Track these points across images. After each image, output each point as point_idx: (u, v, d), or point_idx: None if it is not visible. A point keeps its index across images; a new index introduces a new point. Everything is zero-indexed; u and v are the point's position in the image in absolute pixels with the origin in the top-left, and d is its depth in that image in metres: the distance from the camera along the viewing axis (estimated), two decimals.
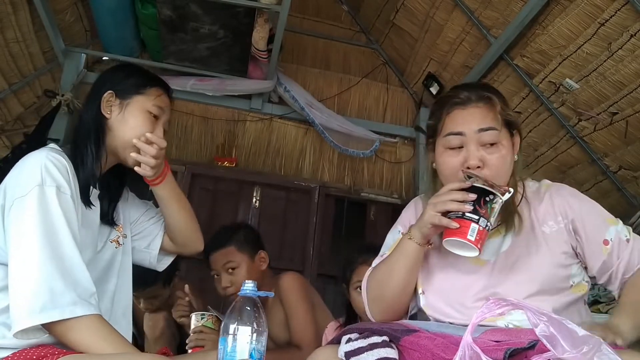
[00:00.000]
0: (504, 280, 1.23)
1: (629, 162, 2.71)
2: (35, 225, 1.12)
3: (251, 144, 3.64)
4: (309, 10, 4.01)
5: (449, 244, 1.15)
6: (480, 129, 1.22)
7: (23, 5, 2.84)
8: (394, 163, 3.79)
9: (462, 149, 1.24)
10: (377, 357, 1.04)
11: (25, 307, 1.07)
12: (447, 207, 1.15)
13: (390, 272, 1.27)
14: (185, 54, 3.19)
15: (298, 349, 2.01)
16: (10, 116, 3.27)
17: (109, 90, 1.36)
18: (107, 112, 1.34)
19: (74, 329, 1.10)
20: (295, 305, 2.08)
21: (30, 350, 1.11)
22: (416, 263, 1.26)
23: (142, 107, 1.36)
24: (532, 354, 0.89)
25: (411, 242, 1.23)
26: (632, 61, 2.35)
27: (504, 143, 1.24)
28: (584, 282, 1.27)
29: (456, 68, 3.31)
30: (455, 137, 1.24)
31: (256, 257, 2.15)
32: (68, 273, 1.12)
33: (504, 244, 1.27)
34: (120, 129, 1.33)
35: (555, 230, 1.26)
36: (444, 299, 1.26)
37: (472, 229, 1.12)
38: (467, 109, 1.26)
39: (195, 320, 1.96)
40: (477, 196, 1.13)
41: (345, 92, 3.82)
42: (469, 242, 1.11)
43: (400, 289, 1.26)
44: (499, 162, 1.22)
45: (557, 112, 2.83)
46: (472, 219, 1.12)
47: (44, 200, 1.15)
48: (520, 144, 1.31)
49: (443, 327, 1.18)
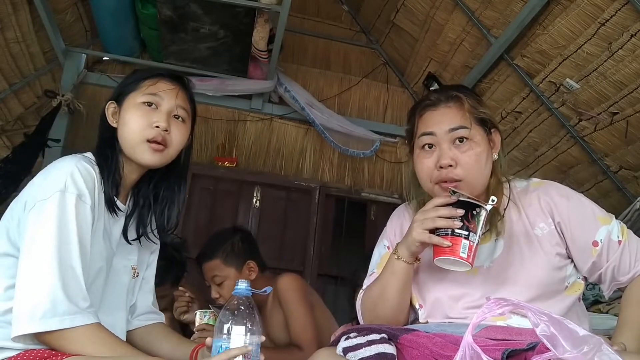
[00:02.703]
0: (500, 287, 1.21)
1: (629, 162, 2.71)
2: (49, 233, 1.11)
3: (251, 144, 3.64)
4: (309, 11, 4.01)
5: (441, 262, 1.13)
6: (451, 129, 1.23)
7: (23, 5, 2.84)
8: (394, 163, 3.79)
9: (435, 149, 1.25)
10: (374, 352, 1.04)
11: (26, 314, 1.07)
12: (436, 224, 1.12)
13: (383, 293, 1.25)
14: (186, 54, 3.19)
15: (298, 350, 2.01)
16: (10, 116, 3.27)
17: (111, 100, 1.34)
18: (113, 121, 1.31)
19: (73, 339, 1.09)
20: (293, 306, 2.07)
21: (35, 351, 1.11)
22: (407, 281, 1.24)
23: (134, 101, 1.29)
24: (531, 356, 0.89)
25: (400, 262, 1.21)
26: (632, 61, 2.35)
27: (476, 141, 1.23)
28: (579, 281, 1.26)
29: (456, 68, 3.31)
30: (427, 137, 1.26)
31: (244, 268, 2.13)
32: (72, 284, 1.11)
33: (497, 249, 1.25)
34: (122, 131, 1.29)
35: (547, 232, 1.24)
36: (441, 311, 1.25)
37: (464, 245, 1.09)
38: (438, 109, 1.27)
39: (199, 317, 1.97)
40: (465, 211, 1.11)
41: (346, 92, 3.82)
42: (462, 259, 1.08)
43: (396, 309, 1.25)
44: (471, 160, 1.21)
45: (558, 112, 2.83)
46: (462, 234, 1.09)
47: (63, 208, 1.13)
48: (501, 142, 1.30)
49: (441, 328, 1.18)
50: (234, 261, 2.12)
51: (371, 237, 3.53)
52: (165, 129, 1.27)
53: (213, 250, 2.12)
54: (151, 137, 1.26)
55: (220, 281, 2.10)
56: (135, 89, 1.31)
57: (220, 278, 2.09)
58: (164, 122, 1.27)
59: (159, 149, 1.27)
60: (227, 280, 2.10)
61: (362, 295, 1.34)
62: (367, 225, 3.68)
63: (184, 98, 1.34)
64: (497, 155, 1.28)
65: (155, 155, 1.27)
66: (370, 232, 3.62)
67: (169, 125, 1.28)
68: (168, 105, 1.30)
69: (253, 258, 2.18)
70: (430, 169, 1.24)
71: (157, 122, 1.26)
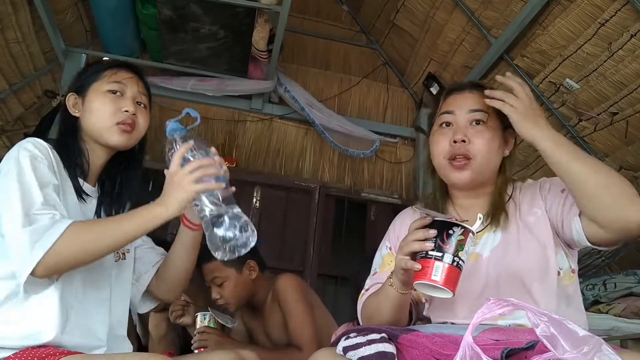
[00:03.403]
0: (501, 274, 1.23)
1: (629, 162, 2.71)
2: (13, 192, 1.17)
3: (251, 144, 3.64)
4: (309, 11, 4.01)
5: (421, 287, 1.08)
6: (471, 110, 1.30)
7: (23, 6, 2.84)
8: (394, 163, 3.79)
9: (452, 127, 1.30)
10: (374, 350, 1.04)
11: (20, 255, 1.12)
12: (411, 248, 1.09)
13: (379, 311, 1.26)
14: (186, 54, 3.19)
15: (298, 350, 2.01)
16: (10, 116, 3.27)
17: (70, 92, 1.41)
18: (75, 111, 1.39)
19: (69, 244, 1.14)
20: (292, 306, 2.08)
21: (32, 350, 1.12)
22: (402, 305, 1.24)
23: (99, 90, 1.38)
24: (531, 355, 0.89)
25: (392, 289, 1.19)
26: (632, 61, 2.35)
27: (492, 127, 1.28)
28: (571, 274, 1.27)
29: (456, 68, 3.31)
30: (447, 115, 1.32)
31: (244, 268, 2.13)
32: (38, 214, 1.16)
33: (495, 239, 1.28)
34: (87, 119, 1.37)
35: (539, 215, 1.26)
36: (446, 306, 1.26)
37: (436, 267, 1.03)
38: (463, 94, 1.34)
39: (199, 320, 1.97)
40: (439, 231, 1.06)
41: (346, 92, 3.82)
42: (434, 282, 1.03)
43: (392, 322, 1.25)
44: (484, 141, 1.26)
45: (558, 112, 2.83)
46: (436, 257, 1.04)
47: (19, 168, 1.20)
48: (515, 143, 1.34)
49: (441, 328, 1.18)
50: (233, 261, 2.11)
51: (371, 237, 3.54)
52: (133, 112, 1.37)
53: None
54: (121, 120, 1.35)
55: (220, 282, 2.10)
56: (98, 79, 1.39)
57: (220, 279, 2.09)
58: (132, 107, 1.37)
59: (128, 130, 1.36)
60: (227, 281, 2.10)
61: (363, 300, 1.35)
62: (367, 225, 3.68)
63: (143, 86, 1.44)
64: (508, 152, 1.33)
65: (124, 135, 1.36)
66: (370, 232, 3.62)
67: (135, 110, 1.38)
68: (131, 92, 1.40)
69: (253, 257, 2.17)
70: (445, 145, 1.29)
71: (125, 107, 1.36)
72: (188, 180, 1.19)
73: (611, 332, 2.23)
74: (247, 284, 2.13)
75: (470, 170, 1.26)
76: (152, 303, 1.56)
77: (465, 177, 1.27)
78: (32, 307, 1.18)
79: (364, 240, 3.62)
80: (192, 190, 1.19)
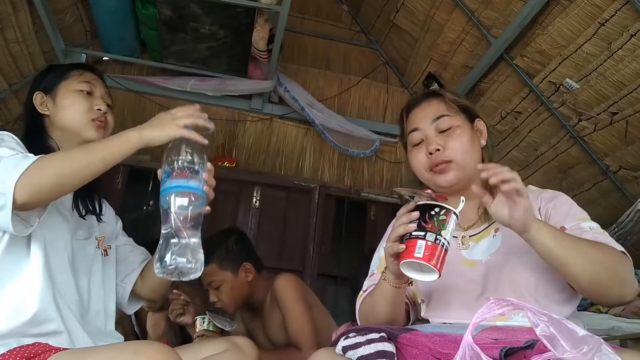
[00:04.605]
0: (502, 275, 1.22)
1: (629, 162, 2.71)
2: None
3: (251, 144, 3.64)
4: (309, 11, 4.01)
5: (405, 268, 1.10)
6: (433, 119, 1.33)
7: (23, 6, 2.84)
8: (394, 163, 3.79)
9: (424, 142, 1.34)
10: (374, 350, 1.04)
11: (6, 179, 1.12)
12: (396, 232, 1.11)
13: (374, 310, 1.26)
14: (186, 54, 3.19)
15: (297, 350, 2.01)
16: (10, 116, 3.27)
17: (36, 92, 1.45)
18: (44, 110, 1.44)
19: (42, 165, 1.15)
20: (291, 306, 2.08)
21: (22, 347, 1.13)
22: (397, 302, 1.24)
23: (70, 88, 1.44)
24: (531, 354, 0.89)
25: (386, 284, 1.20)
26: (632, 61, 2.35)
27: (460, 126, 1.32)
28: None
29: (456, 68, 3.31)
30: (414, 133, 1.36)
31: (240, 270, 2.13)
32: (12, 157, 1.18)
33: (495, 243, 1.27)
34: (61, 115, 1.42)
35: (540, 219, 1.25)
36: (444, 306, 1.26)
37: (419, 245, 1.06)
38: (420, 106, 1.39)
39: (198, 324, 1.98)
40: (421, 213, 1.10)
41: (346, 92, 3.82)
42: (417, 259, 1.05)
43: (388, 322, 1.25)
44: (457, 142, 1.30)
45: (557, 112, 2.83)
46: (419, 236, 1.07)
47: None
48: (487, 129, 1.37)
49: (440, 328, 1.18)
50: (229, 265, 2.12)
51: (371, 237, 3.54)
52: (105, 111, 1.46)
53: (207, 256, 2.11)
54: (95, 117, 1.44)
55: (217, 285, 2.10)
56: (66, 78, 1.46)
57: (217, 282, 2.10)
58: (103, 106, 1.46)
59: (102, 126, 1.45)
60: (224, 284, 2.10)
61: (360, 301, 1.35)
62: (366, 225, 3.68)
63: (106, 87, 1.53)
64: (485, 142, 1.35)
65: (100, 130, 1.44)
66: (370, 232, 3.62)
67: (106, 109, 1.47)
68: (100, 91, 1.49)
69: (249, 259, 2.17)
70: (423, 160, 1.33)
71: (97, 105, 1.45)
72: (173, 119, 1.23)
73: (611, 331, 2.23)
74: (244, 286, 2.13)
75: (453, 171, 1.29)
76: (138, 303, 1.59)
77: (450, 178, 1.30)
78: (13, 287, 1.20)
79: (364, 240, 3.62)
80: (171, 130, 1.22)
